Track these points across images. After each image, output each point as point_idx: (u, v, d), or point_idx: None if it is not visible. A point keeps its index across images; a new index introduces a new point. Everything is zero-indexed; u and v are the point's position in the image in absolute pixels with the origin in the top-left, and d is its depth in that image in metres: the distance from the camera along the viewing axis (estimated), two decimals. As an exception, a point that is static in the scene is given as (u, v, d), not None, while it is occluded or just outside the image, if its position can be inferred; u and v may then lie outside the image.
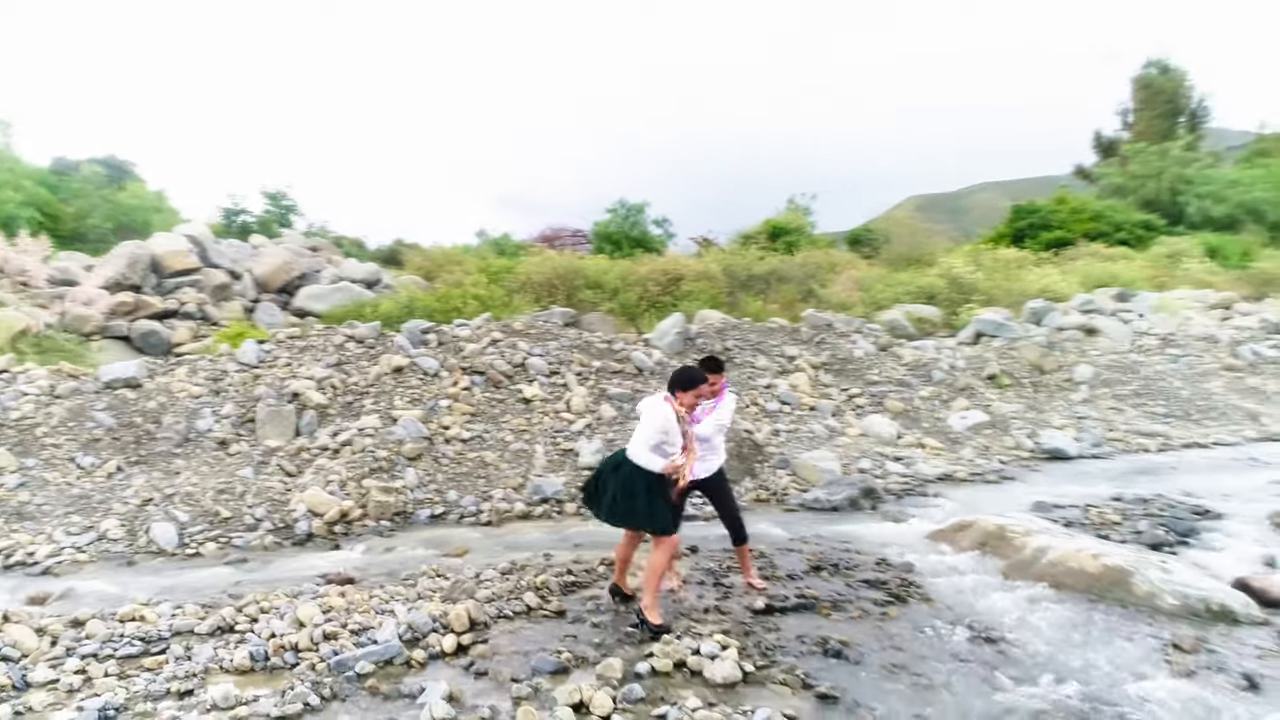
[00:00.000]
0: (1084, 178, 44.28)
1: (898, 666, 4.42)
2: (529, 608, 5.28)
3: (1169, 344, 14.95)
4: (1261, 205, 30.38)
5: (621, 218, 30.45)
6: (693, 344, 12.38)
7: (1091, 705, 3.96)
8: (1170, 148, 34.53)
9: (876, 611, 5.20)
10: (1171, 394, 13.06)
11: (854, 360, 12.79)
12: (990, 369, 13.32)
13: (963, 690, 4.15)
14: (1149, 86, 42.80)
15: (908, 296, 19.09)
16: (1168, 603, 5.18)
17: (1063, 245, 26.55)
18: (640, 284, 18.00)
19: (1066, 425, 11.70)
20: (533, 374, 10.77)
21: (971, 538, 6.53)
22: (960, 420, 11.48)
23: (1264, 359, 14.48)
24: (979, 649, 4.66)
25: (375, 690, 4.21)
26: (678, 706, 3.89)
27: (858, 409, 11.60)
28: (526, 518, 8.24)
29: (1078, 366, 13.62)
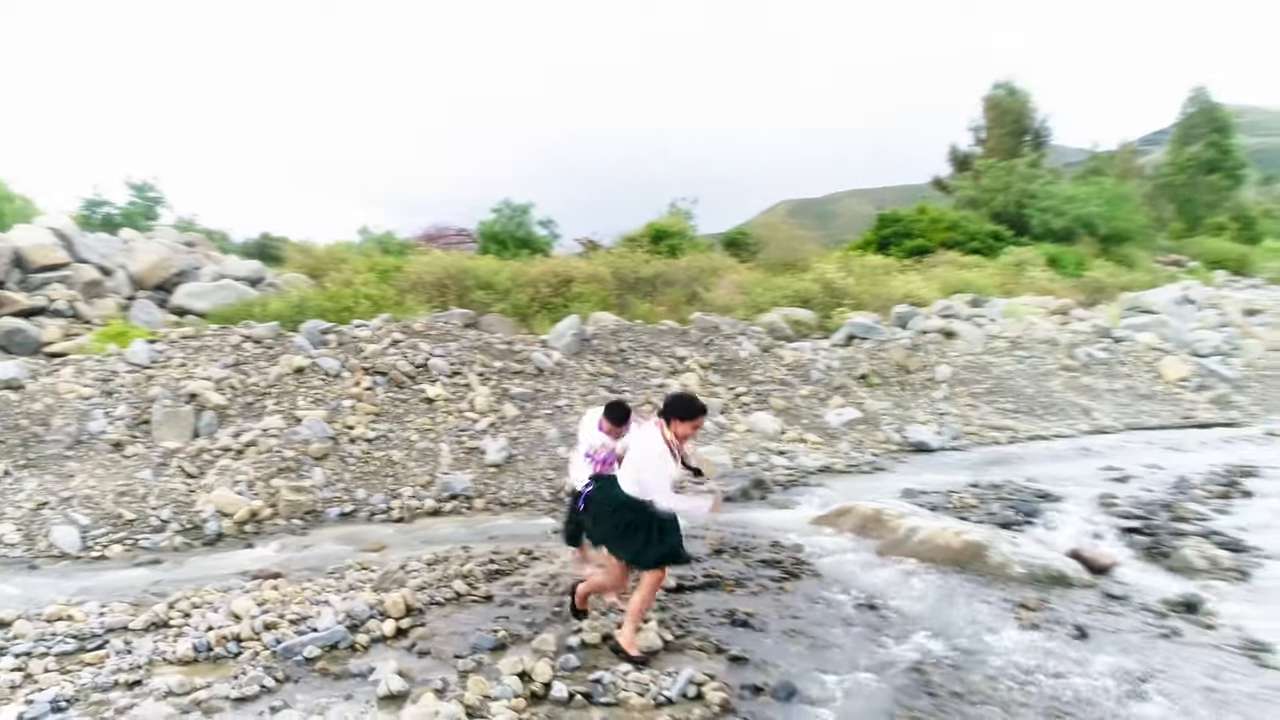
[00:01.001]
0: (941, 189, 47.28)
1: (796, 631, 5.07)
2: (458, 594, 5.65)
3: (1016, 346, 16.49)
4: (1094, 219, 33.40)
5: (507, 218, 30.54)
6: (589, 345, 12.87)
7: (956, 655, 4.71)
8: (1017, 164, 37.42)
9: (774, 587, 5.85)
10: (1019, 392, 14.49)
11: (740, 361, 13.60)
12: (862, 369, 14.40)
13: (851, 648, 4.83)
14: (998, 106, 46.14)
15: (785, 300, 20.15)
16: (1016, 571, 6.06)
17: (923, 253, 28.40)
18: (532, 285, 18.31)
19: (929, 421, 12.84)
20: (435, 374, 11.00)
21: (852, 521, 7.32)
22: (836, 417, 12.43)
23: (1096, 360, 16.20)
24: (863, 614, 5.37)
25: (325, 672, 4.51)
26: (610, 672, 4.38)
27: (744, 407, 12.38)
28: (437, 513, 8.54)
29: (938, 367, 14.90)
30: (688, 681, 4.23)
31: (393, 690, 4.17)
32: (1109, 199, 35.19)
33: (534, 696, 4.14)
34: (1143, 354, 16.72)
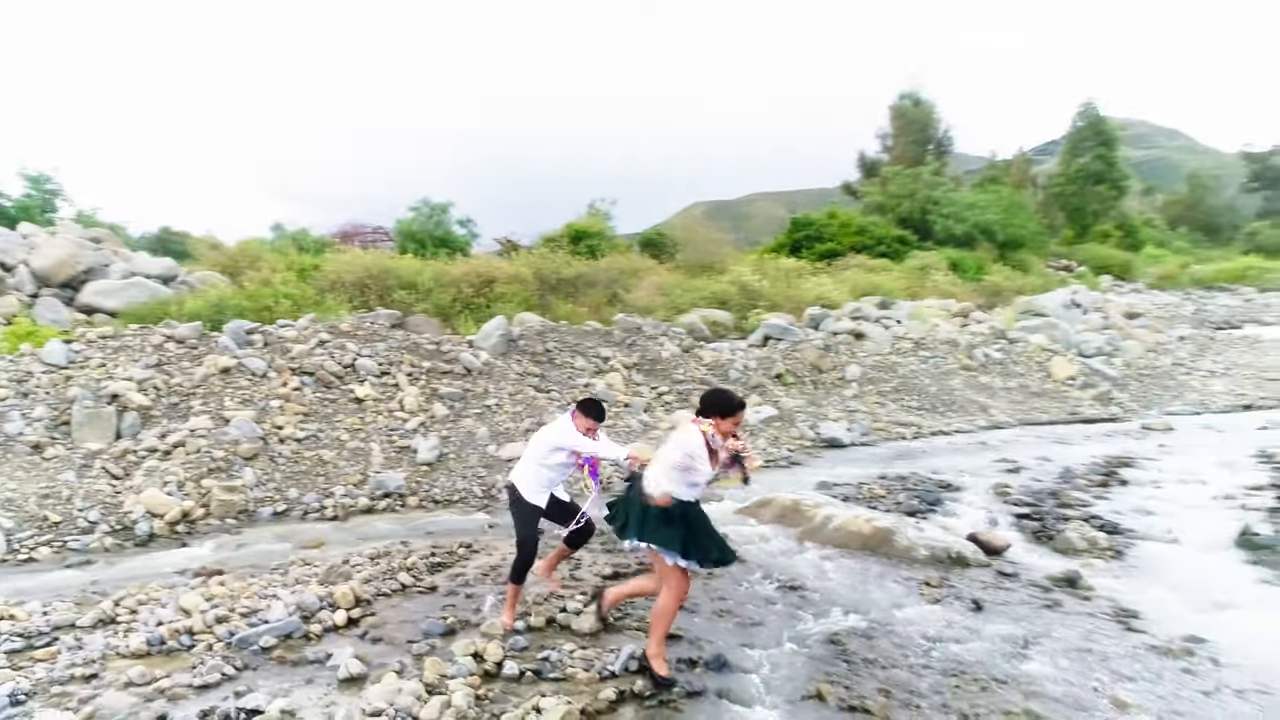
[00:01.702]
0: (850, 194, 48.92)
1: (725, 611, 5.51)
2: (404, 585, 5.90)
3: (920, 347, 17.43)
4: (992, 226, 35.16)
5: (425, 217, 30.36)
6: (515, 346, 13.12)
7: (868, 627, 5.22)
8: (921, 172, 39.08)
9: (704, 572, 6.26)
10: (923, 390, 15.36)
11: (662, 361, 14.05)
12: (777, 369, 15.04)
13: (775, 624, 5.29)
14: (904, 116, 48.07)
15: (704, 302, 20.74)
16: (921, 553, 6.65)
17: (834, 256, 29.44)
18: (454, 285, 18.40)
19: (841, 418, 13.54)
20: (363, 374, 11.10)
21: (772, 511, 7.83)
22: (754, 414, 12.99)
23: (992, 360, 17.27)
24: (785, 595, 5.85)
25: (283, 660, 4.73)
26: (556, 650, 4.73)
27: (667, 405, 12.83)
28: (371, 511, 8.69)
29: (849, 366, 15.66)
30: (629, 657, 4.61)
31: (352, 673, 4.43)
32: (1005, 207, 37.09)
33: (487, 675, 4.45)
34: (1035, 354, 17.87)
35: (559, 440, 5.18)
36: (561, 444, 5.17)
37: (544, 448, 5.23)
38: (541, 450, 5.23)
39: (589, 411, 5.23)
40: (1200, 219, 63.72)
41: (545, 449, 5.22)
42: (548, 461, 5.23)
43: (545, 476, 5.28)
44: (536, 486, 5.26)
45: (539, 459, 5.24)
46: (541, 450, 5.23)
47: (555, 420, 5.40)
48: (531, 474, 5.27)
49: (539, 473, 5.26)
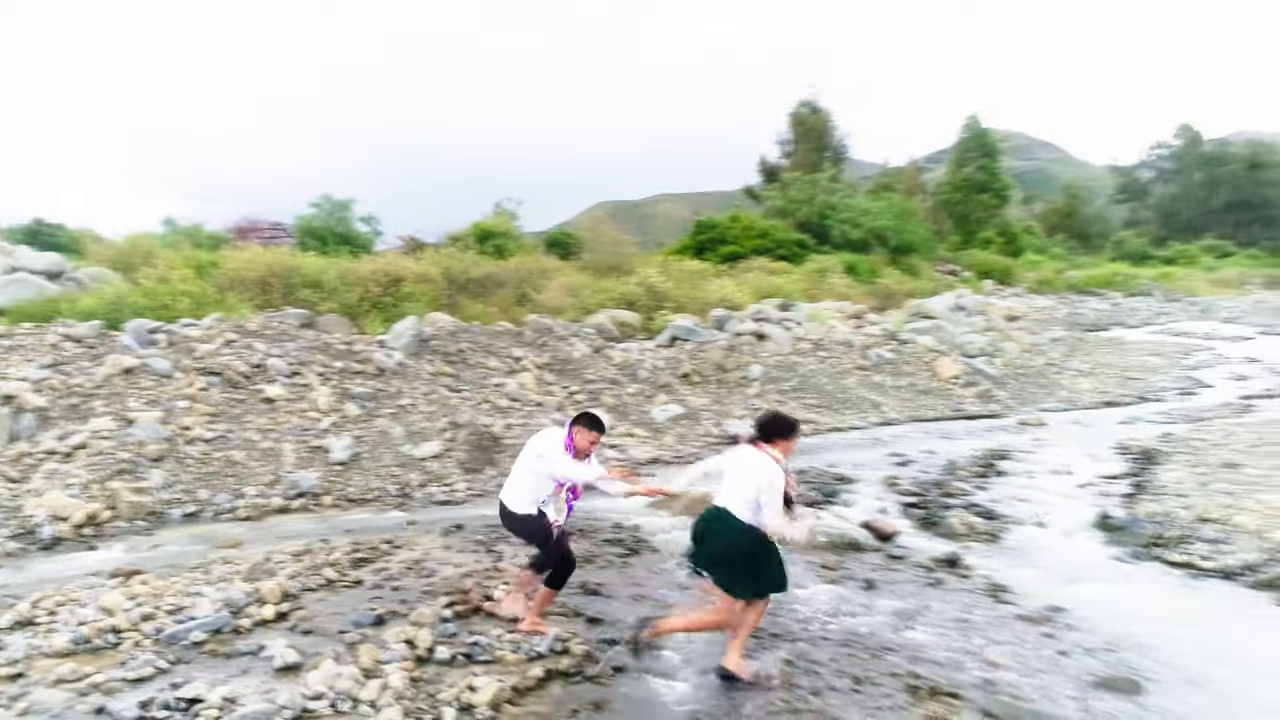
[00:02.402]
0: (752, 198, 50.24)
1: (641, 596, 5.89)
2: (330, 580, 6.06)
3: (819, 348, 18.24)
4: (885, 231, 36.74)
5: (327, 213, 29.78)
6: (428, 346, 13.21)
7: (774, 605, 5.66)
8: (819, 178, 40.50)
9: (619, 561, 6.66)
10: (820, 389, 16.12)
11: (573, 361, 14.37)
12: (684, 368, 15.55)
13: (688, 606, 5.69)
14: (803, 123, 49.68)
15: (611, 302, 21.11)
16: (820, 540, 7.19)
17: (737, 259, 30.30)
18: (361, 284, 18.24)
19: (744, 415, 14.11)
20: (273, 374, 11.02)
21: (681, 504, 8.24)
22: (662, 413, 13.45)
23: (884, 360, 18.22)
24: (695, 580, 6.26)
25: (215, 653, 4.86)
26: (485, 635, 5.01)
27: (578, 404, 13.13)
28: (285, 511, 8.72)
29: (752, 366, 16.31)
30: (555, 639, 4.93)
31: (288, 662, 4.60)
32: (898, 213, 38.79)
33: (420, 660, 4.70)
34: (923, 355, 18.94)
35: (547, 458, 4.98)
36: (545, 457, 4.99)
37: (529, 454, 5.10)
38: (526, 457, 5.10)
39: (593, 425, 5.05)
40: (1074, 227, 67.80)
41: (530, 455, 5.09)
42: (535, 469, 5.06)
43: (531, 488, 5.07)
44: (525, 499, 5.06)
45: (525, 466, 5.11)
46: (526, 457, 5.10)
47: (546, 430, 5.26)
48: (519, 483, 5.10)
49: (525, 481, 5.09)
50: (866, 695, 4.43)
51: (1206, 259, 60.40)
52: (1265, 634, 5.41)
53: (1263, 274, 56.66)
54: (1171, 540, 7.27)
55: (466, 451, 10.28)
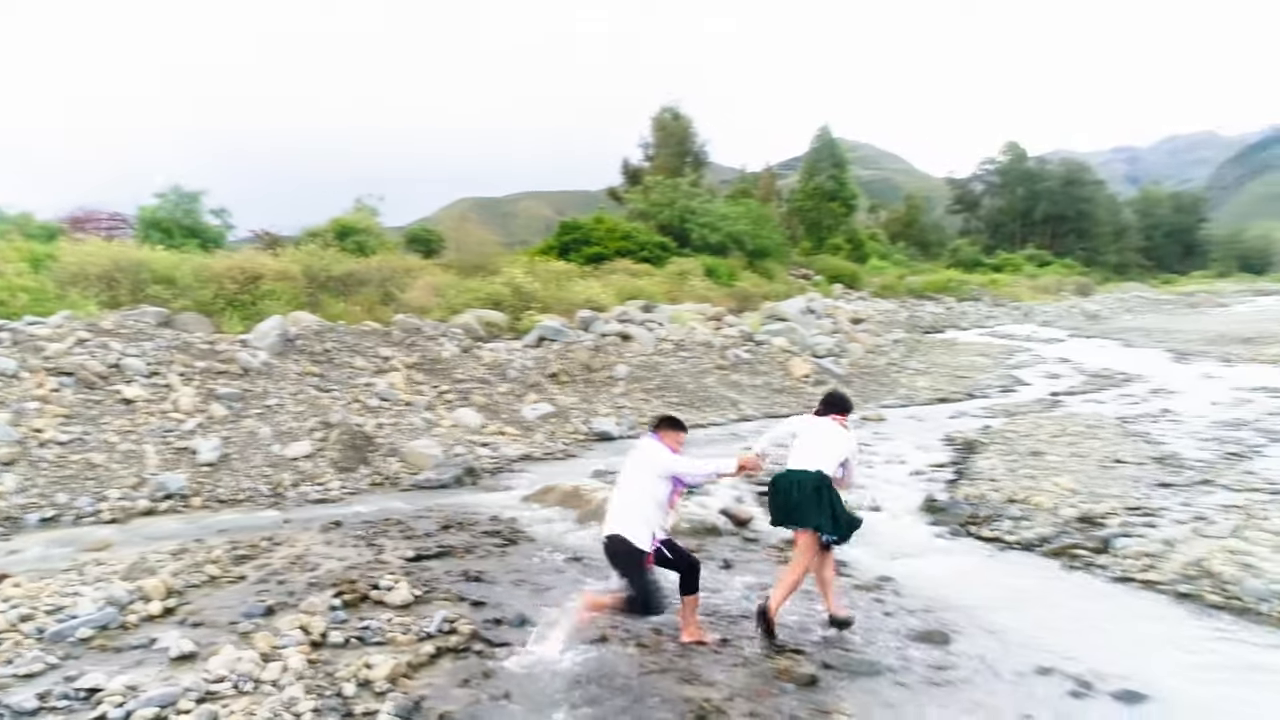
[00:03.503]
0: (615, 199, 51.14)
1: (521, 581, 6.34)
2: (213, 577, 6.19)
3: (680, 348, 19.09)
4: (743, 236, 38.32)
5: (174, 205, 28.36)
6: (293, 345, 13.09)
7: (642, 585, 6.25)
8: (680, 182, 41.74)
9: (498, 551, 7.07)
10: (682, 387, 16.94)
11: (442, 361, 14.55)
12: (552, 368, 16.00)
13: (565, 588, 6.19)
14: (664, 128, 50.99)
15: (478, 302, 21.27)
16: (683, 526, 7.83)
17: (601, 260, 30.93)
18: (216, 281, 17.69)
19: (610, 413, 14.72)
20: (131, 375, 10.73)
21: (555, 497, 8.74)
22: (532, 411, 13.86)
23: (742, 360, 19.28)
24: (571, 566, 6.78)
25: (105, 647, 4.96)
26: (375, 619, 5.33)
27: (448, 403, 13.37)
28: (152, 513, 8.63)
29: (617, 366, 16.94)
30: (442, 620, 5.31)
31: (184, 651, 4.79)
32: (754, 219, 40.54)
33: (315, 644, 4.98)
34: (777, 355, 20.14)
35: (668, 467, 4.99)
36: (671, 470, 4.99)
37: (650, 480, 4.97)
38: (649, 483, 4.97)
39: (678, 425, 5.28)
40: (915, 235, 72.36)
41: (652, 480, 4.97)
42: (659, 495, 4.97)
43: (651, 511, 4.95)
44: (642, 525, 4.91)
45: (650, 495, 4.96)
46: (649, 483, 4.97)
47: (642, 449, 5.16)
48: (633, 509, 4.94)
49: (642, 505, 4.94)
50: (727, 655, 5.06)
51: (1029, 267, 66.00)
52: (1052, 592, 6.42)
53: (1075, 281, 62.48)
54: (984, 519, 8.33)
55: (340, 451, 10.38)
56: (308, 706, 4.15)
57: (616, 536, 4.94)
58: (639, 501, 4.97)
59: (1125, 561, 6.80)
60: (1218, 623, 5.64)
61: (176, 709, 4.10)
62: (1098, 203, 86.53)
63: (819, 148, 57.23)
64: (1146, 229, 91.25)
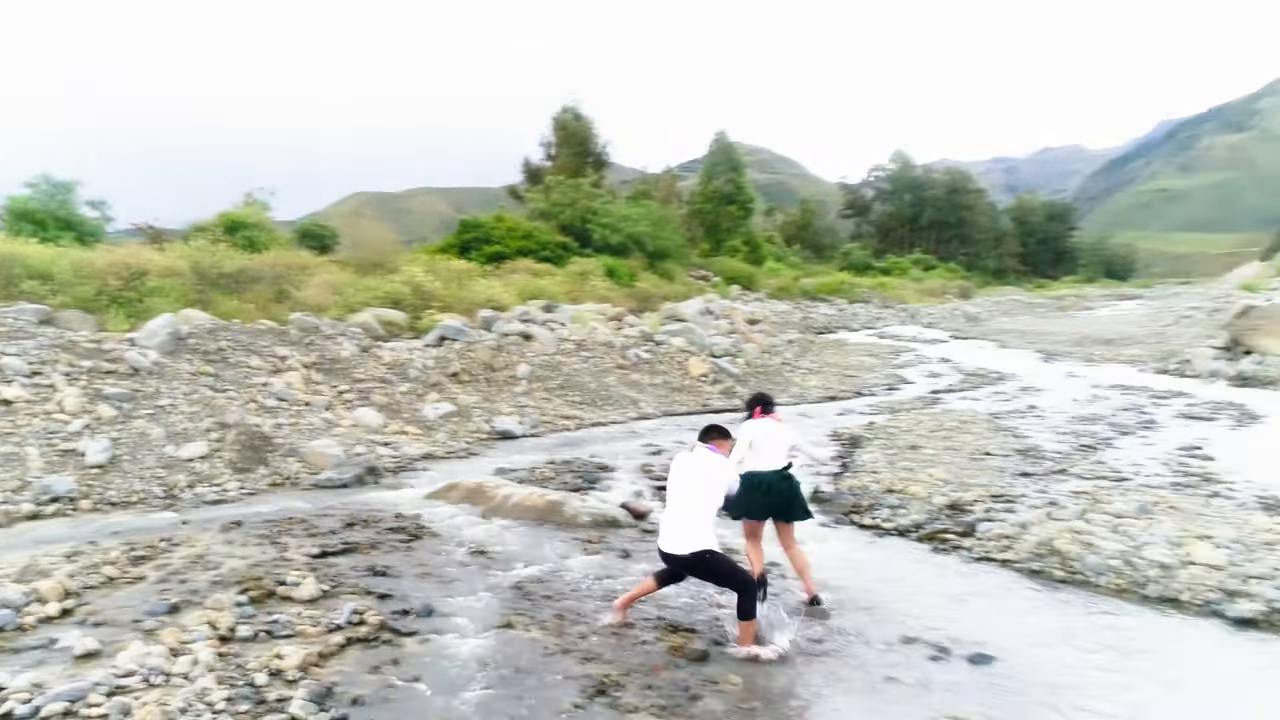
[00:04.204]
0: (516, 198, 50.97)
1: (426, 574, 6.53)
2: (111, 578, 6.16)
3: (582, 348, 19.39)
4: (643, 237, 38.83)
5: (47, 195, 26.90)
6: (185, 344, 12.78)
7: (545, 575, 6.56)
8: (581, 183, 41.98)
9: (403, 546, 7.23)
10: (583, 386, 17.24)
11: (341, 360, 14.44)
12: (453, 367, 16.06)
13: (470, 580, 6.43)
14: (565, 128, 51.13)
15: (377, 301, 21.04)
16: (584, 519, 8.15)
17: (502, 259, 30.89)
18: (99, 277, 16.99)
19: (513, 412, 14.90)
20: (9, 374, 10.33)
21: (459, 494, 8.93)
22: (433, 410, 13.92)
23: (642, 360, 19.72)
24: (476, 558, 7.00)
25: (2, 649, 4.94)
26: (284, 613, 5.46)
27: (348, 403, 13.31)
28: (37, 517, 8.36)
29: (519, 365, 17.11)
30: (351, 612, 5.48)
31: (88, 649, 4.82)
32: (655, 220, 41.10)
33: (224, 639, 5.08)
34: (675, 355, 20.67)
35: (719, 476, 5.39)
36: (715, 476, 5.37)
37: (693, 486, 5.30)
38: (715, 494, 5.32)
39: (727, 434, 5.73)
40: (809, 239, 74.61)
41: (694, 486, 5.30)
42: (707, 497, 5.31)
43: (706, 519, 5.26)
44: (705, 529, 5.24)
45: (691, 498, 5.28)
46: (715, 494, 5.32)
47: (697, 459, 5.48)
48: (691, 519, 5.22)
49: (700, 514, 5.24)
50: (624, 636, 5.40)
51: (915, 271, 69.04)
52: (921, 573, 7.02)
53: (957, 285, 65.72)
54: (864, 508, 8.95)
55: (237, 451, 10.26)
56: (220, 695, 4.28)
57: (699, 553, 5.17)
58: (708, 514, 5.28)
59: (986, 543, 7.48)
60: (1061, 594, 6.33)
61: (87, 703, 4.16)
62: (979, 210, 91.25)
63: (717, 151, 58.43)
64: (1022, 236, 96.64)
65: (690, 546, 5.14)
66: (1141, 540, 6.84)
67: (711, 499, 5.30)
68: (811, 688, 4.84)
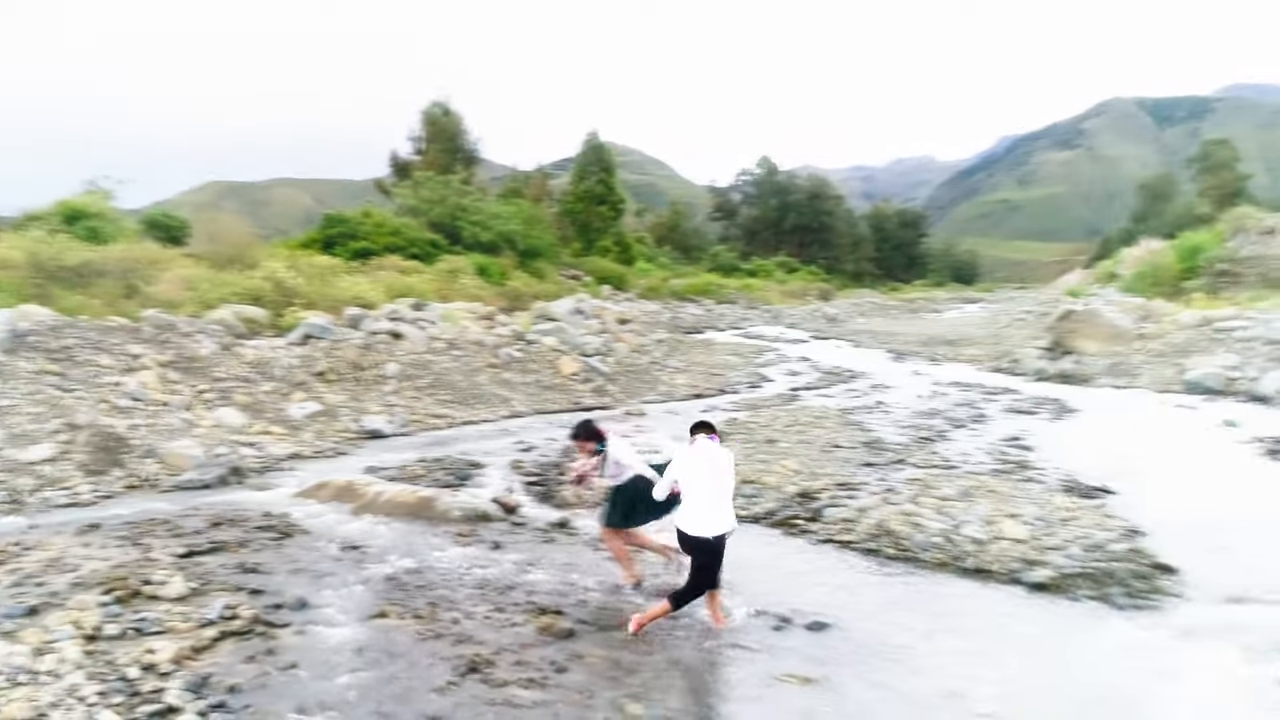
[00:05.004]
0: (383, 192, 49.87)
1: (299, 570, 6.63)
2: (-42, 584, 5.96)
3: (453, 347, 19.38)
4: (514, 236, 38.82)
5: None
6: (24, 342, 12.12)
7: (418, 566, 6.78)
8: (452, 180, 41.51)
9: (274, 544, 7.27)
10: (454, 385, 17.29)
11: (200, 359, 14.00)
12: (319, 366, 15.80)
13: (344, 573, 6.58)
14: (435, 123, 50.40)
15: (236, 297, 20.32)
16: (456, 514, 8.38)
17: (369, 255, 30.24)
18: (-82, 269, 15.78)
19: (381, 411, 14.83)
20: None
21: (329, 492, 8.97)
22: (299, 410, 13.71)
23: (513, 359, 19.89)
24: (349, 553, 7.14)
25: None
26: (152, 610, 5.48)
27: (208, 403, 12.94)
28: None
29: (388, 364, 16.99)
30: (223, 607, 5.56)
31: (-56, 654, 4.73)
32: (526, 219, 41.16)
33: (90, 637, 5.08)
34: (547, 354, 20.95)
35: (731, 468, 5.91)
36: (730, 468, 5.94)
37: (724, 476, 5.82)
38: (721, 479, 5.79)
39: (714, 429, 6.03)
40: (678, 240, 76.19)
41: (725, 476, 5.84)
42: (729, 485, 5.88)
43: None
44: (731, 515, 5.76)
45: (722, 487, 5.78)
46: (721, 479, 5.79)
47: (711, 449, 5.87)
48: (726, 504, 5.78)
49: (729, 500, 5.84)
50: (496, 619, 5.71)
51: (779, 273, 71.69)
52: (771, 554, 7.64)
53: (819, 287, 68.71)
54: (723, 497, 9.56)
55: (89, 454, 9.89)
56: (92, 690, 4.34)
57: (728, 532, 5.70)
58: (727, 499, 5.77)
59: (830, 527, 8.19)
60: (891, 569, 7.08)
61: (-52, 703, 4.15)
62: (838, 216, 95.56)
63: (588, 151, 58.82)
64: (878, 241, 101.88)
65: (727, 526, 5.66)
66: (961, 520, 7.69)
67: (728, 489, 5.85)
68: (668, 657, 5.30)
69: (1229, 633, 5.49)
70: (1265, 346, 17.85)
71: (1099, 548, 7.00)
